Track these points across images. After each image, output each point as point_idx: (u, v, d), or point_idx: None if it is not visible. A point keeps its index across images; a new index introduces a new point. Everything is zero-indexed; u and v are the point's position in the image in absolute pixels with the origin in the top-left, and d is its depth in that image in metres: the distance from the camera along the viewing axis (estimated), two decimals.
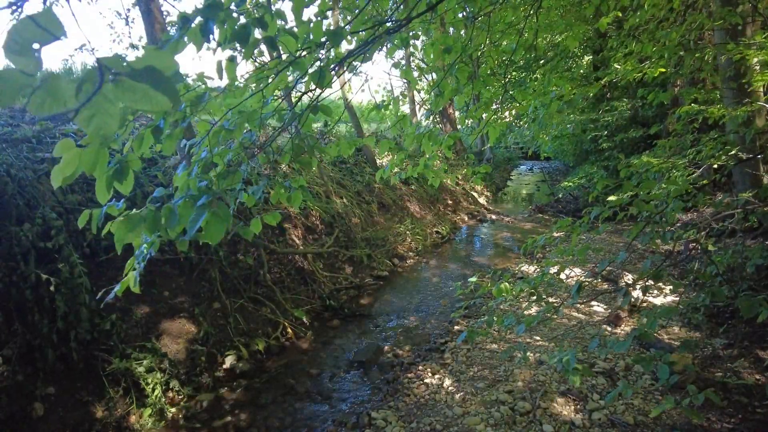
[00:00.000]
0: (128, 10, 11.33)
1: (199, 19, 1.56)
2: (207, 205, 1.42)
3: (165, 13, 8.27)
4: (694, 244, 6.27)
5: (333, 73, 1.99)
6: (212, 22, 1.56)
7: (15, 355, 3.90)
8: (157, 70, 0.80)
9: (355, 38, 2.14)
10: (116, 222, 1.45)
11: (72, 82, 0.77)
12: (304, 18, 1.87)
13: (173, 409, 4.42)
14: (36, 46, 0.75)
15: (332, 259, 7.91)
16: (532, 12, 4.13)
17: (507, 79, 3.95)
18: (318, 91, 1.93)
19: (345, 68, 2.11)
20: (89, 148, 1.27)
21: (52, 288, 4.19)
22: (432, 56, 3.05)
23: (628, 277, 6.40)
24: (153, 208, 1.49)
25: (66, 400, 4.06)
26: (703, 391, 2.00)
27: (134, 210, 1.53)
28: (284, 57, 1.94)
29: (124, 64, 0.79)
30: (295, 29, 1.88)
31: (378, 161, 11.69)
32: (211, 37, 1.58)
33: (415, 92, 17.41)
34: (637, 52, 5.20)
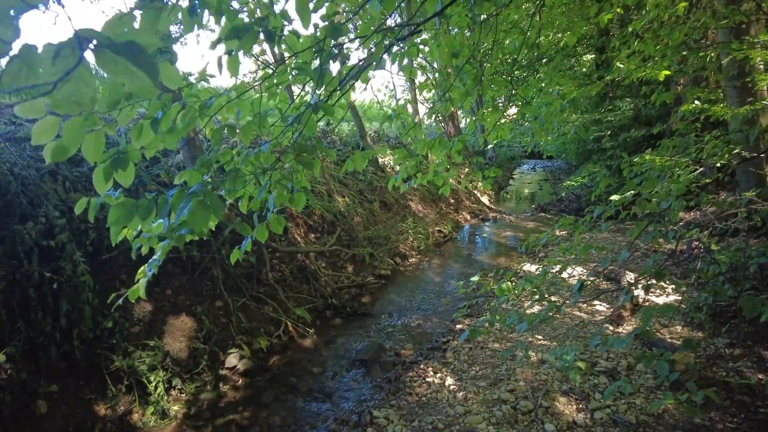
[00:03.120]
0: (131, 8, 11.32)
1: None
2: (196, 194, 1.42)
3: None
4: (697, 243, 6.26)
5: (345, 82, 1.99)
6: (198, 2, 1.55)
7: (18, 353, 3.92)
8: (138, 46, 0.80)
9: (363, 45, 2.13)
10: (111, 207, 1.44)
11: (49, 51, 0.77)
12: (310, 21, 1.87)
13: (175, 407, 4.44)
14: (12, 12, 0.76)
15: (334, 258, 7.92)
16: (535, 11, 4.12)
17: (511, 78, 3.95)
18: (326, 92, 1.92)
19: (357, 79, 2.10)
20: (72, 120, 1.24)
21: (55, 286, 4.21)
22: (437, 56, 3.05)
23: (630, 276, 6.39)
24: (149, 197, 1.49)
25: (69, 397, 4.08)
26: (705, 390, 1.99)
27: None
28: (288, 60, 1.94)
29: (106, 36, 0.79)
30: (303, 34, 1.88)
31: (380, 160, 11.68)
32: (204, 23, 1.57)
33: (417, 91, 17.38)
34: (640, 51, 5.18)
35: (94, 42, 0.78)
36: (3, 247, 4.15)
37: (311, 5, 1.82)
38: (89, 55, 0.79)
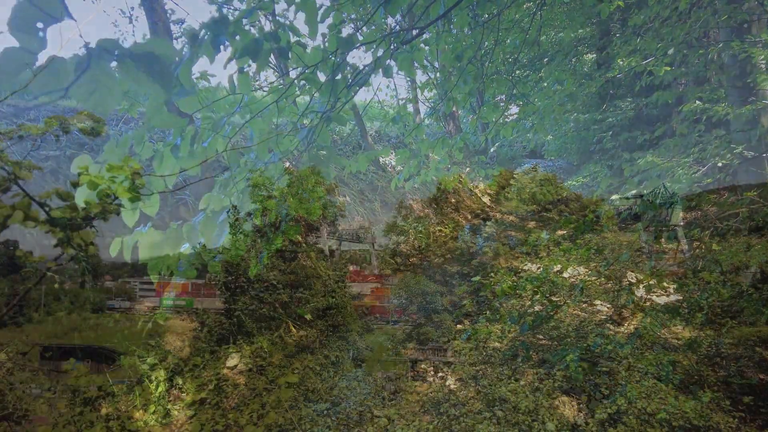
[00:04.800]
0: (132, 8, 11.35)
1: (209, 33, 1.58)
2: (228, 221, 1.44)
3: (169, 11, 8.26)
4: (699, 243, 6.25)
5: (351, 88, 2.00)
6: (223, 37, 1.58)
7: (19, 352, 3.93)
8: (156, 57, 0.83)
9: (368, 50, 2.15)
10: (141, 244, 1.48)
11: (73, 62, 0.79)
12: (317, 32, 1.89)
13: (176, 406, 4.44)
14: (40, 25, 0.78)
15: (335, 257, 7.92)
16: (536, 9, 4.11)
17: (512, 76, 3.95)
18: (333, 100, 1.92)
19: (363, 85, 2.11)
20: (116, 165, 1.31)
21: (56, 285, 4.21)
22: (438, 56, 3.05)
23: (632, 276, 6.38)
24: (174, 226, 1.50)
25: (70, 396, 4.09)
26: (706, 391, 1.99)
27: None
28: (299, 75, 1.95)
29: (126, 47, 0.82)
30: (309, 43, 1.90)
31: (381, 159, 11.68)
32: (222, 48, 1.60)
33: (418, 90, 17.40)
34: (642, 49, 5.17)
35: (116, 52, 0.80)
36: (5, 246, 4.15)
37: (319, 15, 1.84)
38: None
